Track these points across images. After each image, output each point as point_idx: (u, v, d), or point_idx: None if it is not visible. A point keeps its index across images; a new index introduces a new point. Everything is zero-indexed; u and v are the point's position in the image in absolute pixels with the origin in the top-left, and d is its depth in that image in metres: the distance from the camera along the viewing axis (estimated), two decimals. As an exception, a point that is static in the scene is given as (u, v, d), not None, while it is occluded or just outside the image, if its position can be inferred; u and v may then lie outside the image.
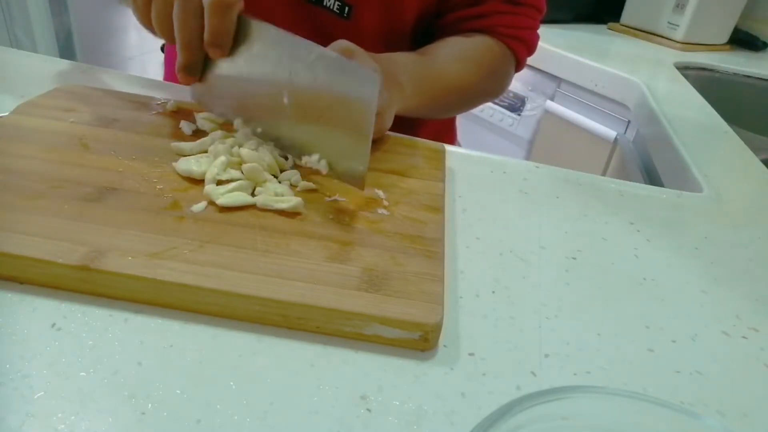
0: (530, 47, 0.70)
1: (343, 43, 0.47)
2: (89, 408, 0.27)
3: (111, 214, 0.37)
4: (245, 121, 0.48)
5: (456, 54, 0.64)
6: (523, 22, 0.68)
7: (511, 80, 0.72)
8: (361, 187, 0.42)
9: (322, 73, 0.42)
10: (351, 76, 0.40)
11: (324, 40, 0.47)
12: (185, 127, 0.50)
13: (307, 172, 0.45)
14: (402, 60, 0.57)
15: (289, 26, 0.63)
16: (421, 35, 0.69)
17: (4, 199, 0.37)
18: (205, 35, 0.44)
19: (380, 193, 0.44)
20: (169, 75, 0.77)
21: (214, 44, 0.44)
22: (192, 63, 0.47)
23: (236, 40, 0.45)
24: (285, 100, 0.44)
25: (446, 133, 0.84)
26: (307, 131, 0.45)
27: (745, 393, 0.34)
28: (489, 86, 0.69)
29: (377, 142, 0.53)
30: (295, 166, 0.46)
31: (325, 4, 0.62)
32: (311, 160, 0.44)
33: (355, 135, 0.42)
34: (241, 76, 0.47)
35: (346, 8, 0.62)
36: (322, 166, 0.43)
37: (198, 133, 0.49)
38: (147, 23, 0.48)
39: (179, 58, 0.46)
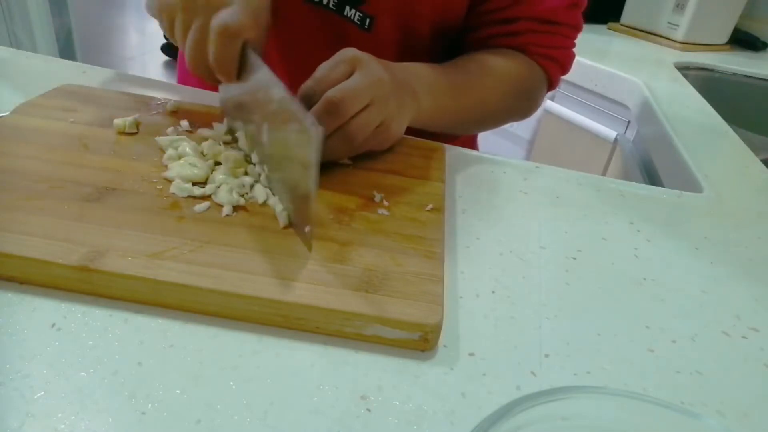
0: (564, 66, 0.67)
1: (349, 52, 0.46)
2: (89, 408, 0.27)
3: (111, 214, 0.37)
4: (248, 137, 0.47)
5: (482, 69, 0.62)
6: (557, 42, 0.65)
7: (542, 100, 0.69)
8: (309, 248, 0.37)
9: (278, 121, 0.39)
10: (291, 129, 0.36)
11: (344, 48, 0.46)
12: (170, 133, 0.49)
13: None
14: (420, 71, 0.55)
15: (311, 34, 0.62)
16: (447, 49, 0.67)
17: (4, 199, 0.37)
18: (210, 60, 0.43)
19: (378, 196, 0.44)
20: (183, 78, 0.76)
21: (218, 71, 0.44)
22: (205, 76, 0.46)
23: (244, 67, 0.44)
24: (264, 138, 0.43)
25: (468, 140, 0.82)
26: (275, 175, 0.42)
27: (745, 393, 0.34)
28: (516, 104, 0.66)
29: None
30: None
31: (345, 14, 0.61)
32: (276, 210, 0.40)
33: (298, 194, 0.38)
34: (239, 102, 0.47)
35: (368, 20, 0.60)
36: (282, 219, 0.39)
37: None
38: (171, 37, 0.47)
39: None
